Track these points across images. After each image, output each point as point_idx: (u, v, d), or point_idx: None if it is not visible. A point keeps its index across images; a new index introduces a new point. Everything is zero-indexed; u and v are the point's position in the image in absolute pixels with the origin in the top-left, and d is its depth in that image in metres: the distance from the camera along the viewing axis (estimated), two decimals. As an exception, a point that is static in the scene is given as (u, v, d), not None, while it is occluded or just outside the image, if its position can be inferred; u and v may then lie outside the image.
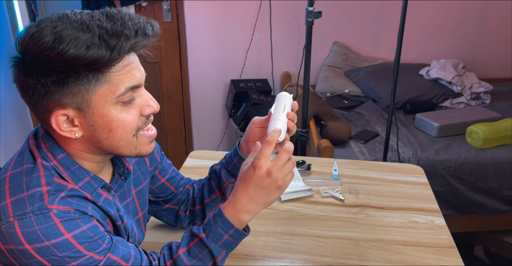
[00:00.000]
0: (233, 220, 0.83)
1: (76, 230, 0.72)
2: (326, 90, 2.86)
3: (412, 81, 2.68)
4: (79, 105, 0.72)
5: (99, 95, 0.72)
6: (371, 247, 1.14)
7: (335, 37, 2.94)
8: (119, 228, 0.85)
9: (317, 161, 1.57)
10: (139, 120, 0.78)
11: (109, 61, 0.70)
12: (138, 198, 0.97)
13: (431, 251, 1.14)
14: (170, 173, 1.08)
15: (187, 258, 0.83)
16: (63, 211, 0.72)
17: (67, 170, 0.77)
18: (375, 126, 2.46)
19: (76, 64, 0.68)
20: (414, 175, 1.49)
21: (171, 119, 3.06)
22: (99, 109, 0.73)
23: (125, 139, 0.77)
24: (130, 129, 0.77)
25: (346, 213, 1.28)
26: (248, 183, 0.81)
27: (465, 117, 2.37)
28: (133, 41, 0.71)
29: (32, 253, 0.69)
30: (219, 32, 2.87)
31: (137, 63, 0.76)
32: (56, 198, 0.72)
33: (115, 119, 0.75)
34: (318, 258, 1.10)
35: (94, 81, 0.71)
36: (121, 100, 0.74)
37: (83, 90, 0.71)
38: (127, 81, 0.73)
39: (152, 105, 0.79)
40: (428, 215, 1.28)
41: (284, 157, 0.81)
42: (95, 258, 0.73)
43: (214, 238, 0.83)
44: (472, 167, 2.11)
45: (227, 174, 1.03)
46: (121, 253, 0.78)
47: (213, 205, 1.07)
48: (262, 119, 0.95)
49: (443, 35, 2.95)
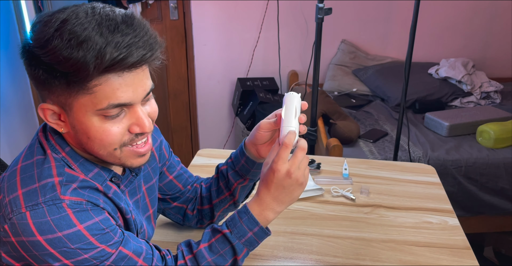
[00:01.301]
0: (258, 218, 0.84)
1: (88, 221, 0.71)
2: (334, 89, 2.83)
3: (421, 80, 2.65)
4: (62, 105, 0.71)
5: (80, 103, 0.69)
6: (384, 248, 1.12)
7: (343, 35, 2.91)
8: (129, 222, 0.84)
9: (326, 160, 1.55)
10: (125, 136, 0.73)
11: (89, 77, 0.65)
12: (148, 194, 0.95)
13: (445, 252, 1.11)
14: (178, 170, 1.06)
15: (208, 253, 0.83)
16: (76, 202, 0.71)
17: (76, 162, 0.76)
18: (384, 125, 2.43)
19: (57, 69, 0.65)
20: (426, 175, 1.46)
21: (177, 117, 3.05)
22: (79, 115, 0.70)
23: (105, 150, 0.74)
24: (109, 143, 0.72)
25: (358, 213, 1.26)
26: (270, 185, 0.82)
27: (476, 117, 2.34)
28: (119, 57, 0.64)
29: (44, 244, 0.68)
30: (226, 30, 2.85)
31: (135, 79, 0.69)
32: (69, 188, 0.71)
33: (93, 129, 0.71)
34: (330, 258, 1.08)
35: (75, 89, 0.67)
36: (104, 114, 0.69)
37: (66, 94, 0.68)
38: (113, 98, 0.68)
39: (142, 125, 0.72)
40: (442, 215, 1.26)
41: (300, 155, 0.82)
42: (107, 250, 0.72)
43: (238, 234, 0.83)
44: (483, 167, 2.08)
45: (235, 175, 1.00)
46: (133, 248, 0.77)
47: (222, 205, 1.05)
48: (270, 123, 0.91)
49: (453, 33, 2.92)
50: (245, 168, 0.98)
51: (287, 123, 0.85)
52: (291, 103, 0.87)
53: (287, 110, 0.86)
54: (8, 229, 0.69)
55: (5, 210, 0.70)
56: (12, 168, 0.75)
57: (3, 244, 0.71)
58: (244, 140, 0.99)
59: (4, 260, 0.73)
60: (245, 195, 1.06)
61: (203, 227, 1.12)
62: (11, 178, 0.73)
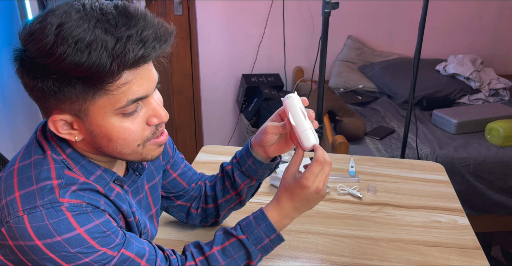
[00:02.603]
0: (277, 226, 0.85)
1: (88, 224, 0.69)
2: (340, 85, 2.80)
3: (428, 77, 2.62)
4: (77, 112, 0.68)
5: (97, 106, 0.67)
6: (392, 247, 1.09)
7: (349, 31, 2.87)
8: (131, 225, 0.82)
9: (332, 157, 1.52)
10: (146, 130, 0.72)
11: (106, 77, 0.63)
12: (151, 193, 0.93)
13: (455, 252, 1.08)
14: (182, 168, 1.03)
15: (222, 256, 0.83)
16: (75, 205, 0.68)
17: (77, 164, 0.74)
18: (390, 122, 2.40)
19: (71, 76, 0.62)
20: (434, 173, 1.43)
21: (181, 114, 3.03)
22: (97, 119, 0.68)
23: (128, 148, 0.72)
24: (133, 140, 0.71)
25: (365, 211, 1.23)
26: (295, 198, 0.84)
27: (484, 114, 2.30)
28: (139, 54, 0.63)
29: (43, 249, 0.66)
30: (230, 26, 2.82)
31: (147, 71, 0.68)
32: (68, 191, 0.69)
33: (115, 130, 0.69)
34: (336, 258, 1.06)
35: (92, 92, 0.65)
36: (123, 112, 0.68)
37: (81, 99, 0.66)
38: (131, 94, 0.66)
39: (160, 115, 0.72)
40: (451, 215, 1.23)
41: (328, 170, 0.84)
42: (108, 253, 0.70)
43: (255, 241, 0.84)
44: (492, 165, 2.05)
45: (242, 175, 0.98)
46: (135, 249, 0.75)
47: (228, 205, 1.03)
48: (277, 127, 0.88)
49: (461, 29, 2.88)
50: (252, 169, 0.96)
51: (302, 128, 0.84)
52: (294, 107, 0.85)
53: (294, 115, 0.84)
54: (6, 233, 0.67)
55: (2, 212, 0.68)
56: (9, 168, 0.73)
57: (1, 247, 0.69)
58: (250, 139, 0.96)
59: (2, 263, 0.71)
60: (251, 193, 1.04)
61: (207, 225, 1.11)
62: (8, 179, 0.70)
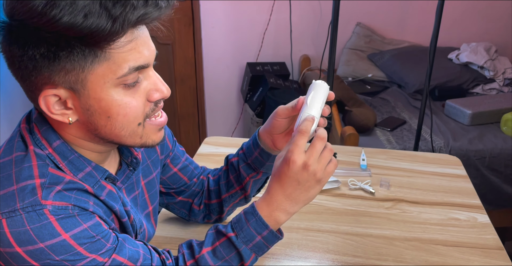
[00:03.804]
0: (268, 220, 0.74)
1: (75, 229, 0.62)
2: (348, 74, 2.71)
3: (440, 66, 2.52)
4: (72, 85, 0.61)
5: (96, 75, 0.60)
6: (408, 247, 1.02)
7: (358, 18, 2.77)
8: (125, 225, 0.75)
9: (342, 149, 1.44)
10: (146, 107, 0.66)
11: (109, 35, 0.57)
12: (147, 190, 0.86)
13: (476, 253, 1.01)
14: (183, 162, 0.96)
15: (212, 258, 0.75)
16: (60, 207, 0.62)
17: (64, 160, 0.66)
18: (401, 113, 2.32)
19: (69, 36, 0.56)
20: (451, 166, 1.36)
21: (184, 104, 2.96)
22: (96, 91, 0.61)
23: (128, 128, 0.66)
24: (134, 117, 0.65)
25: (378, 208, 1.16)
26: (284, 179, 0.72)
27: (500, 105, 2.22)
28: (141, 12, 0.58)
29: (24, 256, 0.59)
30: (235, 12, 2.73)
31: (145, 39, 0.64)
32: (52, 192, 0.62)
33: (115, 104, 0.63)
34: (348, 258, 0.98)
35: (91, 57, 0.59)
36: (124, 82, 0.62)
37: (78, 67, 0.59)
38: (132, 60, 0.61)
39: (161, 89, 0.67)
40: (470, 212, 1.16)
41: (319, 145, 0.71)
42: (98, 260, 0.64)
43: (245, 239, 0.74)
44: (508, 158, 1.97)
45: (247, 168, 0.91)
46: (128, 254, 0.68)
47: (232, 200, 0.96)
48: (288, 108, 0.81)
49: (475, 16, 2.77)
50: (258, 161, 0.89)
51: (308, 110, 0.75)
52: (317, 92, 0.77)
53: (313, 97, 0.77)
54: None
55: None
56: None
57: None
58: (258, 129, 0.89)
59: None
60: (257, 189, 0.97)
61: (210, 222, 1.04)
62: None
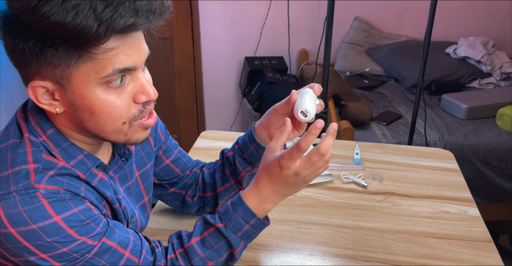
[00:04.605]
0: (256, 210, 0.78)
1: (66, 212, 0.64)
2: (346, 69, 2.72)
3: (438, 60, 2.53)
4: (58, 79, 0.62)
5: (81, 73, 0.62)
6: (398, 239, 1.04)
7: (356, 12, 2.78)
8: (117, 212, 0.77)
9: (336, 143, 1.46)
10: (133, 108, 0.67)
11: (93, 38, 0.58)
12: (142, 181, 0.88)
13: (464, 245, 1.03)
14: (176, 154, 0.98)
15: (201, 248, 0.77)
16: (52, 191, 0.64)
17: (57, 147, 0.69)
18: (398, 107, 2.33)
19: (55, 35, 0.58)
20: (443, 160, 1.37)
21: (182, 98, 2.97)
22: (80, 88, 0.63)
23: (111, 125, 0.67)
24: (117, 116, 0.66)
25: (370, 201, 1.18)
26: (274, 179, 0.76)
27: (496, 99, 2.23)
28: (129, 21, 0.58)
29: (17, 237, 0.62)
30: (233, 7, 2.74)
31: (137, 42, 0.64)
32: (45, 176, 0.65)
33: (98, 103, 0.64)
34: (339, 250, 1.00)
35: (75, 57, 0.60)
36: (108, 82, 0.63)
37: (63, 64, 0.61)
38: (118, 63, 0.62)
39: (148, 92, 0.67)
40: (461, 205, 1.17)
41: (315, 159, 0.73)
42: (88, 243, 0.66)
43: (234, 228, 0.77)
44: (503, 152, 1.98)
45: (243, 162, 0.93)
46: (118, 238, 0.70)
47: (227, 193, 0.98)
48: (283, 104, 0.84)
49: (472, 11, 2.78)
50: (254, 155, 0.91)
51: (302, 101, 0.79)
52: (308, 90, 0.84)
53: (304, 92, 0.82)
54: None
55: None
56: None
57: None
58: (254, 124, 0.91)
59: None
60: None
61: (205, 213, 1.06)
62: None
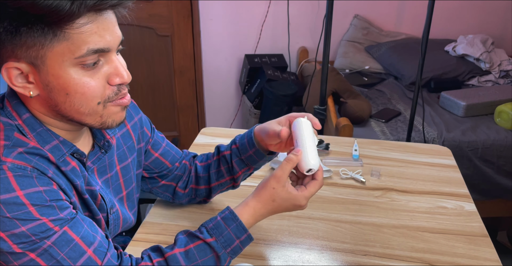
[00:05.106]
0: (248, 226, 0.81)
1: (30, 188, 0.64)
2: (345, 66, 2.73)
3: (437, 58, 2.54)
4: (33, 60, 0.63)
5: (55, 53, 0.63)
6: (395, 234, 1.05)
7: (356, 10, 2.79)
8: (87, 203, 0.76)
9: (336, 140, 1.47)
10: (108, 90, 0.69)
11: (67, 15, 0.59)
12: (122, 175, 0.88)
13: (461, 240, 1.04)
14: (164, 147, 1.00)
15: (184, 259, 0.76)
16: (18, 166, 0.64)
17: (32, 131, 0.69)
18: (397, 104, 2.34)
19: (30, 13, 0.59)
20: (441, 157, 1.38)
21: (183, 95, 2.98)
22: (54, 68, 0.64)
23: (86, 106, 0.68)
24: (92, 96, 0.67)
25: (368, 197, 1.19)
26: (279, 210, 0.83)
27: (494, 96, 2.24)
28: None
29: None
30: (233, 4, 2.74)
31: (109, 24, 0.66)
32: (13, 151, 0.65)
33: (72, 83, 0.65)
34: (337, 244, 1.02)
35: (50, 35, 0.61)
36: (82, 63, 0.64)
37: (38, 44, 0.61)
38: (92, 43, 0.63)
39: (122, 74, 0.69)
40: (457, 200, 1.19)
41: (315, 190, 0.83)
42: (48, 226, 0.65)
43: (225, 243, 0.78)
44: (501, 149, 1.99)
45: (241, 163, 0.95)
46: (82, 233, 0.69)
47: (220, 188, 1.01)
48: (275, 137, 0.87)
49: (471, 9, 2.78)
50: (252, 159, 0.93)
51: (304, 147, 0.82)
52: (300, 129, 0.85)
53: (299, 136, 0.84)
54: None
55: None
56: None
57: None
58: (253, 129, 0.92)
59: None
60: (245, 178, 1.01)
61: (195, 203, 1.09)
62: None
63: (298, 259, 0.98)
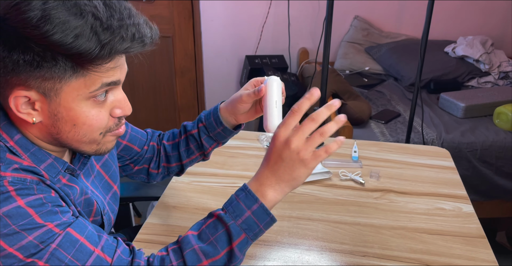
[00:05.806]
0: (256, 193, 0.73)
1: (30, 197, 0.65)
2: (345, 67, 2.74)
3: (437, 59, 2.55)
4: (46, 91, 0.64)
5: (72, 87, 0.64)
6: (394, 235, 1.07)
7: (356, 11, 2.80)
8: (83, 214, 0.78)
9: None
10: (111, 121, 0.71)
11: (96, 58, 0.61)
12: (105, 171, 0.90)
13: (458, 241, 1.05)
14: (130, 133, 1.02)
15: (196, 240, 0.73)
16: (18, 179, 0.65)
17: (26, 152, 0.70)
18: (396, 106, 2.36)
19: (56, 51, 0.60)
20: (440, 158, 1.40)
21: (184, 96, 2.99)
22: (67, 101, 0.65)
23: (89, 136, 0.71)
24: (97, 128, 0.70)
25: (367, 198, 1.20)
26: (270, 154, 0.74)
27: (493, 98, 2.25)
28: (127, 45, 0.63)
29: None
30: (234, 6, 2.76)
31: (122, 60, 0.68)
32: (10, 167, 0.66)
33: (83, 115, 0.67)
34: (336, 245, 1.03)
35: (70, 72, 0.63)
36: (94, 96, 0.66)
37: (56, 78, 0.63)
38: (105, 77, 0.66)
39: (124, 107, 0.72)
40: (456, 202, 1.20)
41: (308, 126, 0.70)
42: (54, 230, 0.65)
43: (234, 213, 0.72)
44: (499, 150, 2.00)
45: (209, 140, 0.99)
46: (86, 233, 0.69)
47: (192, 163, 1.05)
48: (250, 94, 0.89)
49: (471, 10, 2.79)
50: (221, 135, 0.98)
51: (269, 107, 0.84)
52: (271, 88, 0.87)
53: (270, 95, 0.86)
54: None
55: None
56: None
57: None
58: (218, 106, 0.96)
59: None
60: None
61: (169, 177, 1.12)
62: None
63: (298, 260, 0.99)
